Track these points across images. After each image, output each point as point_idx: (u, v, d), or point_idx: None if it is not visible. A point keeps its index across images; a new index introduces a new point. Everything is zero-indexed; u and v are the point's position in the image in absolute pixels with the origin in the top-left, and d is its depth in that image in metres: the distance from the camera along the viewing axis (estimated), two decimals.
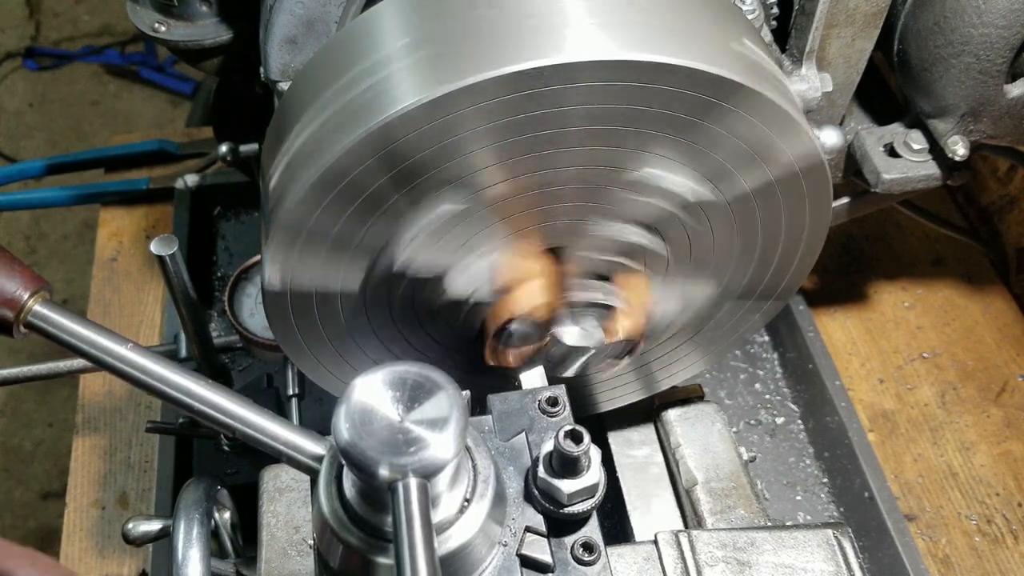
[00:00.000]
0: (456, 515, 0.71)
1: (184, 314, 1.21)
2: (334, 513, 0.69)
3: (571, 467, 0.76)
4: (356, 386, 0.65)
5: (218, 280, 1.79)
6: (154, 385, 0.71)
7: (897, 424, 1.57)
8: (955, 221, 1.82)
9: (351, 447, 0.63)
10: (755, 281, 1.04)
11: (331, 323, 0.96)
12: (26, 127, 3.59)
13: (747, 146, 0.87)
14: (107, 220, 1.86)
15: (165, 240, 1.10)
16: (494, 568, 0.75)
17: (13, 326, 0.73)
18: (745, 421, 1.58)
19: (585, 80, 0.78)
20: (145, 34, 1.32)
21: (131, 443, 1.55)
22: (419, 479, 0.62)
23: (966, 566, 1.42)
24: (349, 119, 0.80)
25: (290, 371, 1.35)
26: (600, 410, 1.22)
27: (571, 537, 0.78)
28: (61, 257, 3.15)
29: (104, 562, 1.43)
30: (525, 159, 0.84)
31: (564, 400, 0.86)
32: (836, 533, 0.89)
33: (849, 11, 1.12)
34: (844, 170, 1.32)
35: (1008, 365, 1.64)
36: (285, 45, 1.06)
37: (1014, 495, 1.48)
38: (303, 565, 0.94)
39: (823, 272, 1.76)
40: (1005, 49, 1.12)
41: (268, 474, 1.02)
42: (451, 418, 0.64)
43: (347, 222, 0.85)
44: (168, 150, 1.92)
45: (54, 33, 3.88)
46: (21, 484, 2.68)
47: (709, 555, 0.87)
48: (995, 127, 1.21)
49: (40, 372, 1.28)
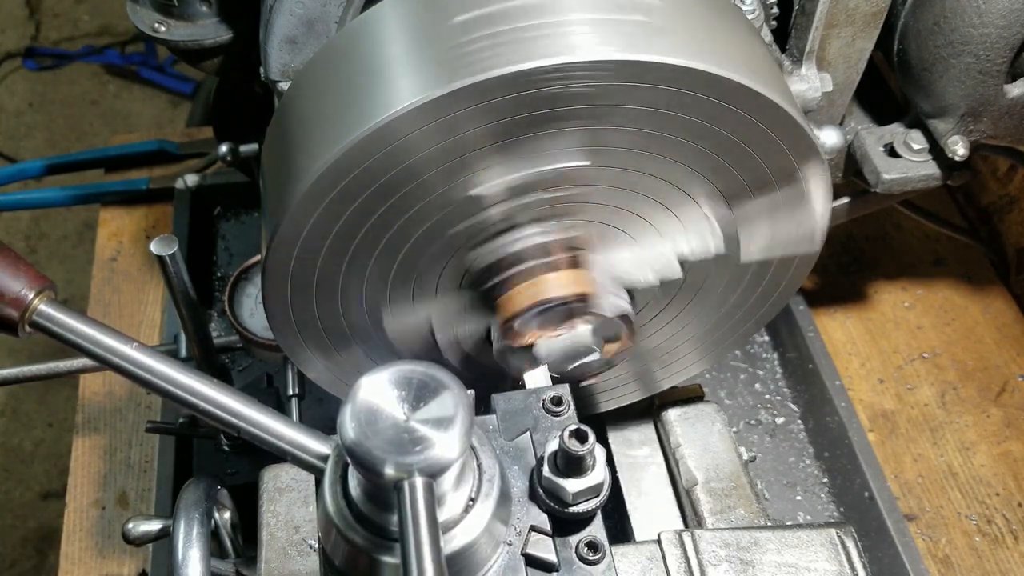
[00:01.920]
0: (461, 514, 0.71)
1: (184, 314, 1.20)
2: (339, 512, 0.69)
3: (576, 466, 0.76)
4: (362, 385, 0.65)
5: (218, 280, 1.79)
6: (159, 384, 0.71)
7: (897, 424, 1.57)
8: (955, 221, 1.82)
9: (357, 446, 0.63)
10: (752, 286, 1.04)
11: (332, 323, 0.96)
12: (26, 127, 3.59)
13: (765, 165, 0.87)
14: (107, 220, 1.86)
15: (165, 240, 1.10)
16: (499, 567, 0.75)
17: (18, 325, 0.73)
18: (745, 421, 1.58)
19: (592, 80, 0.78)
20: (145, 34, 1.32)
21: (131, 443, 1.55)
22: (425, 478, 0.62)
23: (966, 566, 1.42)
24: (350, 119, 0.80)
25: (290, 371, 1.35)
26: (600, 410, 1.22)
27: (576, 536, 0.78)
28: (61, 257, 3.15)
29: (104, 562, 1.43)
30: (526, 158, 0.84)
31: (568, 399, 0.86)
32: (839, 533, 0.89)
33: (849, 11, 1.12)
34: (844, 170, 1.32)
35: (1008, 365, 1.64)
36: (285, 45, 1.06)
37: (1014, 495, 1.49)
38: (303, 565, 0.94)
39: (823, 272, 1.77)
40: (1005, 49, 1.13)
41: (268, 474, 1.02)
42: (456, 417, 0.64)
43: (347, 222, 0.85)
44: (168, 150, 1.92)
45: (54, 33, 3.88)
46: (21, 484, 2.68)
47: (712, 554, 0.87)
48: (995, 127, 1.21)
49: (40, 372, 1.28)
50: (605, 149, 0.85)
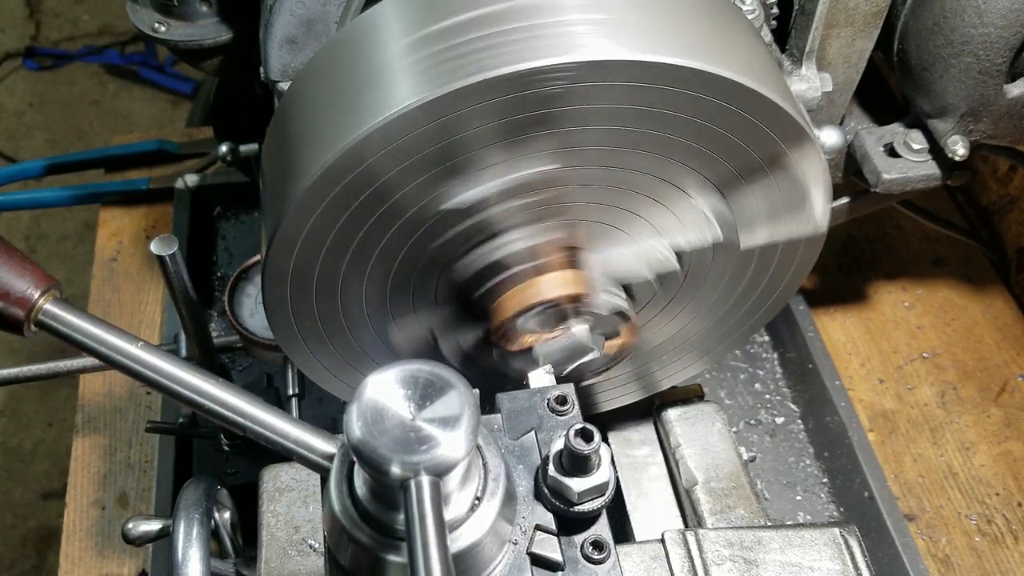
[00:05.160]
0: (467, 513, 0.71)
1: (184, 314, 1.20)
2: (345, 511, 0.70)
3: (581, 465, 0.76)
4: (368, 384, 0.65)
5: (218, 280, 1.79)
6: (165, 384, 0.71)
7: (897, 424, 1.57)
8: (955, 221, 1.83)
9: (363, 445, 0.63)
10: (757, 278, 1.04)
11: (332, 323, 0.96)
12: (26, 127, 3.59)
13: (757, 154, 0.87)
14: (107, 220, 1.86)
15: (165, 240, 1.10)
16: (505, 566, 0.75)
17: (24, 325, 0.73)
18: (745, 421, 1.58)
19: (587, 80, 0.78)
20: (145, 34, 1.32)
21: (131, 443, 1.55)
22: (431, 477, 0.62)
23: (966, 566, 1.42)
24: (350, 119, 0.80)
25: (290, 371, 1.35)
26: (600, 410, 1.22)
27: (581, 535, 0.78)
28: (61, 257, 3.15)
29: (104, 562, 1.43)
30: (526, 159, 0.84)
31: (573, 399, 0.86)
32: (843, 532, 0.89)
33: (849, 11, 1.12)
34: (844, 170, 1.32)
35: (1008, 365, 1.64)
36: (285, 45, 1.07)
37: (1014, 495, 1.49)
38: (303, 565, 0.94)
39: (823, 272, 1.77)
40: (1005, 49, 1.13)
41: (268, 474, 1.02)
42: (462, 416, 0.64)
43: (347, 223, 0.85)
44: (168, 150, 1.92)
45: (54, 33, 3.88)
46: (21, 484, 2.68)
47: (716, 554, 0.87)
48: (995, 127, 1.21)
49: (40, 372, 1.28)
50: (581, 150, 0.85)
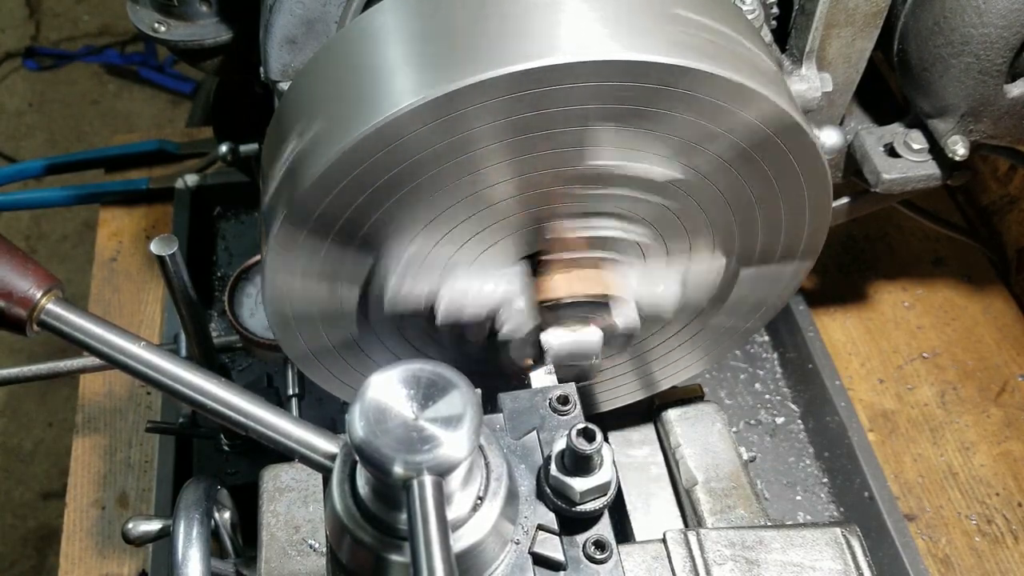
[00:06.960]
0: (469, 513, 0.71)
1: (184, 314, 1.20)
2: (348, 511, 0.70)
3: (583, 465, 0.76)
4: (371, 384, 0.65)
5: (218, 280, 1.79)
6: (167, 383, 0.71)
7: (897, 424, 1.57)
8: (955, 221, 1.83)
9: (366, 445, 0.63)
10: (770, 244, 1.02)
11: (333, 324, 0.96)
12: (26, 127, 3.59)
13: (706, 122, 0.86)
14: (107, 220, 1.86)
15: (165, 240, 1.10)
16: (507, 566, 0.75)
17: (26, 324, 0.73)
18: (745, 421, 1.58)
19: (572, 81, 0.78)
20: (145, 34, 1.32)
21: (131, 443, 1.55)
22: (434, 477, 0.62)
23: (966, 566, 1.42)
24: (350, 119, 0.80)
25: (290, 371, 1.35)
26: (600, 410, 1.22)
27: (583, 535, 0.79)
28: (61, 257, 3.15)
29: (104, 562, 1.43)
30: (527, 158, 0.84)
31: (575, 398, 0.86)
32: (844, 532, 0.89)
33: (849, 11, 1.13)
34: (844, 170, 1.32)
35: (1008, 365, 1.64)
36: (285, 45, 1.07)
37: (1014, 495, 1.49)
38: (303, 565, 0.94)
39: (823, 272, 1.77)
40: (1005, 49, 1.13)
41: (268, 474, 1.02)
42: (465, 416, 0.64)
43: (348, 222, 0.85)
44: (168, 150, 1.92)
45: (54, 33, 3.88)
46: (21, 484, 2.68)
47: (718, 553, 0.87)
48: (995, 127, 1.21)
49: (40, 372, 1.28)
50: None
